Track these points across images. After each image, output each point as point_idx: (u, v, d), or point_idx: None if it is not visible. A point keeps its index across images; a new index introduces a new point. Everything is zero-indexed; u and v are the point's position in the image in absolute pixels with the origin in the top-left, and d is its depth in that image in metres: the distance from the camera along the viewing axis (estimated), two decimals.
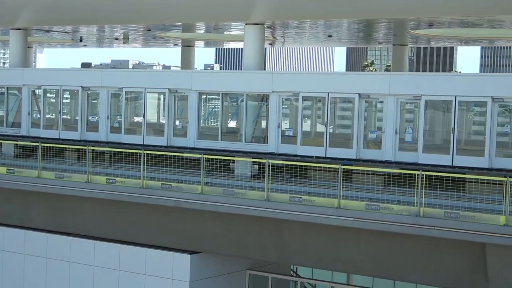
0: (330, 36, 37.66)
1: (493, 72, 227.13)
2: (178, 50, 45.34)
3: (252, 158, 28.68)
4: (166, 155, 29.25)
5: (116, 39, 43.23)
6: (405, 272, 25.57)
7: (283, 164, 27.50)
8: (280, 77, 29.77)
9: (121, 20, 34.56)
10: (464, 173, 24.93)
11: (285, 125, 29.30)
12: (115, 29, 38.80)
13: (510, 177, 22.94)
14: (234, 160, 28.82)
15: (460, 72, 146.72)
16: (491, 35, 35.99)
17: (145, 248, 29.43)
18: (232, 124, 31.36)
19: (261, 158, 28.12)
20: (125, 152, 30.02)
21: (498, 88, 25.31)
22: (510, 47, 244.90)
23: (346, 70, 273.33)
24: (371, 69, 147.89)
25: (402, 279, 27.82)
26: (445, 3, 27.27)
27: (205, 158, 27.69)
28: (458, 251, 24.12)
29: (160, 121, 32.16)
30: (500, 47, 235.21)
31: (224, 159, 28.47)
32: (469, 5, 26.92)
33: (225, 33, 38.64)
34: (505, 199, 22.44)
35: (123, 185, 28.74)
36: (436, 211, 23.41)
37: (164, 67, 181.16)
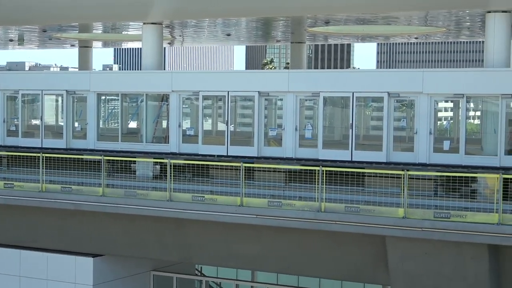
0: (228, 34, 37.72)
1: (390, 68, 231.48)
2: (75, 51, 44.71)
3: (154, 158, 28.47)
4: (65, 157, 28.78)
5: (11, 40, 42.31)
6: (308, 267, 25.84)
7: (184, 163, 27.40)
8: (179, 77, 29.71)
9: (15, 21, 33.78)
10: (363, 168, 25.34)
11: (186, 124, 29.24)
12: (9, 30, 37.96)
13: (407, 170, 23.47)
14: (135, 161, 28.54)
15: (358, 68, 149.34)
16: (387, 31, 36.68)
17: (46, 252, 28.91)
18: (132, 124, 31.10)
19: (163, 158, 27.95)
20: (22, 155, 29.45)
21: (394, 84, 25.80)
22: (405, 43, 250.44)
23: (246, 68, 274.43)
24: (271, 67, 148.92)
25: (305, 274, 28.15)
26: (340, 1, 27.63)
27: (106, 159, 27.40)
28: (360, 245, 24.50)
29: (59, 123, 31.68)
30: (396, 43, 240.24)
31: (125, 160, 28.17)
32: (363, 2, 27.35)
33: (123, 33, 38.25)
34: (403, 192, 22.92)
35: (21, 189, 28.22)
36: (337, 206, 23.75)
37: (62, 68, 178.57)
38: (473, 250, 22.54)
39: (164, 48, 36.41)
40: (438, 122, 26.13)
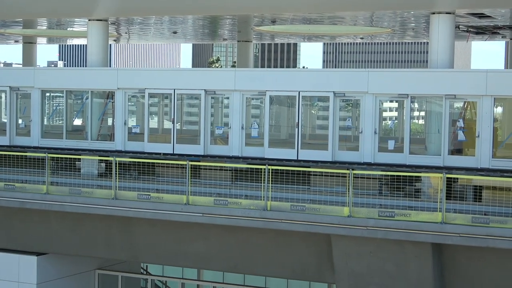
0: (175, 32, 37.59)
1: (336, 67, 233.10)
2: (19, 47, 44.22)
3: (99, 156, 28.28)
4: (8, 155, 28.50)
5: None
6: (254, 265, 25.88)
7: (130, 161, 27.29)
8: (125, 74, 29.53)
9: None
10: (309, 167, 25.46)
11: (132, 122, 29.10)
12: None
13: (353, 169, 23.65)
14: (80, 159, 28.32)
15: (306, 67, 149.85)
16: (333, 31, 36.88)
17: None
18: (77, 122, 30.78)
19: (108, 156, 27.75)
20: None
21: (339, 83, 25.96)
22: (351, 43, 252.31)
23: (192, 66, 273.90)
24: (217, 65, 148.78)
25: (251, 273, 28.15)
26: (286, 0, 27.72)
27: (50, 157, 27.13)
28: (305, 243, 24.62)
29: (2, 120, 31.34)
30: (342, 43, 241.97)
31: (69, 158, 27.93)
32: (309, 2, 27.46)
33: (68, 29, 37.89)
34: (349, 191, 23.09)
35: None
36: (283, 205, 23.84)
37: (5, 64, 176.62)
38: (416, 249, 22.78)
39: (110, 45, 36.13)
40: (383, 121, 26.29)
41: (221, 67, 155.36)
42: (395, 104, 26.24)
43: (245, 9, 28.91)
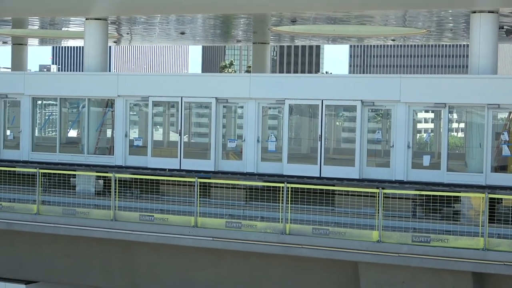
0: (183, 33, 37.65)
1: (363, 73, 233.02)
2: (8, 49, 44.33)
3: (96, 172, 28.28)
4: None
5: None
6: None
7: (131, 178, 27.24)
8: (127, 80, 29.56)
9: None
10: (333, 185, 25.36)
11: (134, 134, 29.08)
12: None
13: (382, 188, 23.51)
14: (75, 175, 28.32)
15: (331, 73, 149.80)
16: (360, 32, 36.81)
17: None
18: (72, 133, 30.85)
19: (107, 172, 27.76)
20: None
21: (368, 91, 25.86)
22: (381, 46, 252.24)
23: (202, 71, 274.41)
24: (230, 70, 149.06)
25: None
26: None
27: (42, 173, 27.14)
28: (329, 271, 24.48)
29: None
30: (370, 45, 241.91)
31: (63, 174, 27.92)
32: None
33: (63, 29, 38.04)
34: (378, 213, 22.95)
35: None
36: (303, 228, 23.72)
37: None
38: (455, 279, 22.63)
39: (110, 47, 36.14)
40: (417, 134, 26.18)
41: (235, 72, 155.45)
42: (431, 115, 26.18)
43: (262, 7, 28.84)
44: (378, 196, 23.04)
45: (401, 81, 25.53)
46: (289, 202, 23.93)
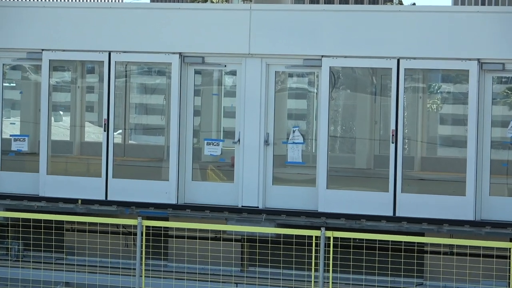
0: None
1: (482, 3, 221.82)
2: None
3: None
4: None
5: None
6: None
7: (6, 219, 19.24)
8: None
9: None
10: (422, 234, 18.32)
11: (11, 128, 20.82)
12: None
13: None
14: None
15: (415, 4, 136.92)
16: None
17: None
18: None
19: None
20: None
21: (495, 42, 17.00)
22: None
23: (152, 0, 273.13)
24: None
25: None
26: None
27: None
28: None
29: None
30: None
31: None
32: None
33: None
34: None
35: None
36: None
37: None
38: None
39: None
40: None
41: (218, 2, 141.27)
42: None
43: None
44: None
45: None
46: (330, 266, 15.42)
